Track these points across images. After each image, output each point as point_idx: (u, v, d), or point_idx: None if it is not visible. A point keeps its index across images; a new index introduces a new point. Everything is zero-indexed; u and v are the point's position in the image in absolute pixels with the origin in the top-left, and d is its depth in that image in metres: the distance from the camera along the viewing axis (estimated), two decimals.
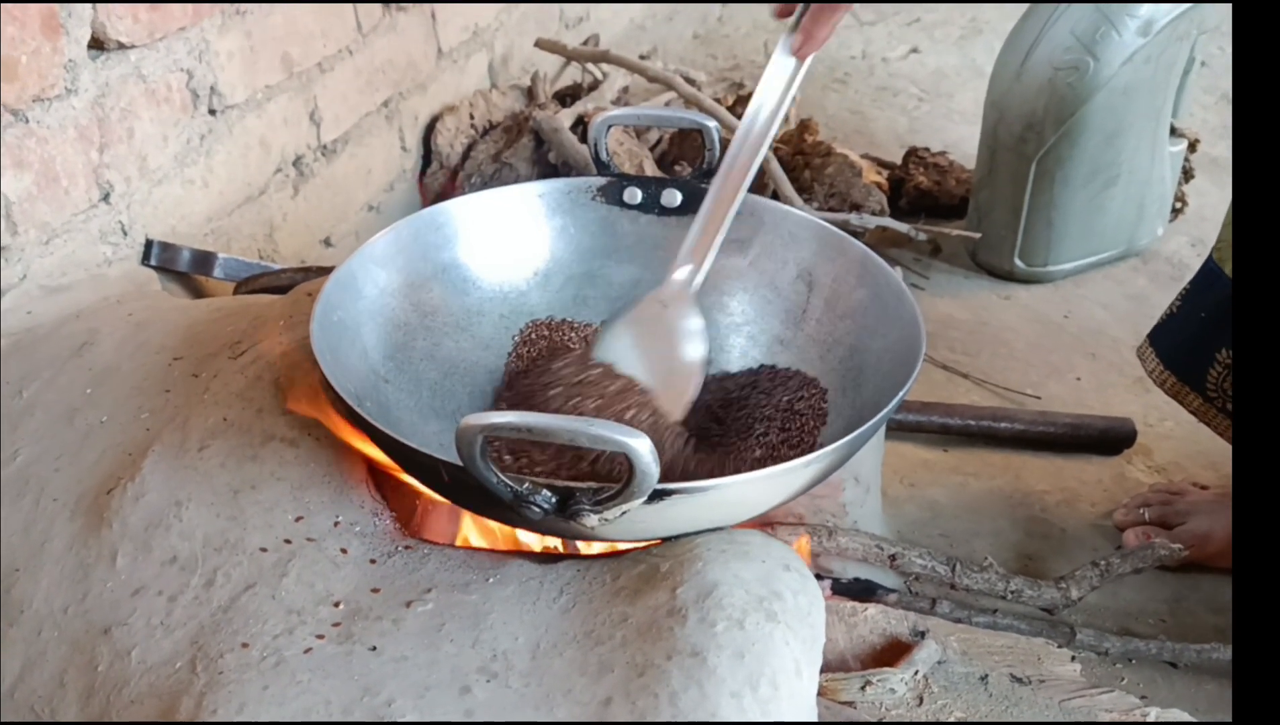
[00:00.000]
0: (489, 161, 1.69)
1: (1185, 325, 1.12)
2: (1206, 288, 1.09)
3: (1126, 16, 1.45)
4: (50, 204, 1.09)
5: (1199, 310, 1.10)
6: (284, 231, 1.44)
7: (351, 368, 0.83)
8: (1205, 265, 1.10)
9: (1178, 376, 1.12)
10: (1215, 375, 1.07)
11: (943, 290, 1.64)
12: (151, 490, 0.80)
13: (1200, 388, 1.10)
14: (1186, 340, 1.12)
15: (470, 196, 0.97)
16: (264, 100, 1.36)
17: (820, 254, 0.94)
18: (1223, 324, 1.06)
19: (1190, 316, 1.12)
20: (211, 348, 0.96)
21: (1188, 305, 1.13)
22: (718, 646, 0.64)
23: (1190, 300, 1.12)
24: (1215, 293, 1.07)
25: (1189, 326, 1.12)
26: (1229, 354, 1.05)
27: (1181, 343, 1.13)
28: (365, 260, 0.89)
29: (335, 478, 0.81)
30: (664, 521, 0.70)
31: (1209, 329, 1.08)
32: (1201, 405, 1.10)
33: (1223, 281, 1.06)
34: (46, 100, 1.06)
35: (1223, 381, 1.07)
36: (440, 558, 0.76)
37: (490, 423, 0.62)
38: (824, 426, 0.88)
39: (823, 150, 1.66)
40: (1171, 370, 1.13)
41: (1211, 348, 1.07)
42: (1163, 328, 1.16)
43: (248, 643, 0.70)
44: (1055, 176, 1.53)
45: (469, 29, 1.83)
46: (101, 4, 1.09)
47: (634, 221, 1.00)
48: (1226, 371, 1.06)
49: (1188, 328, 1.12)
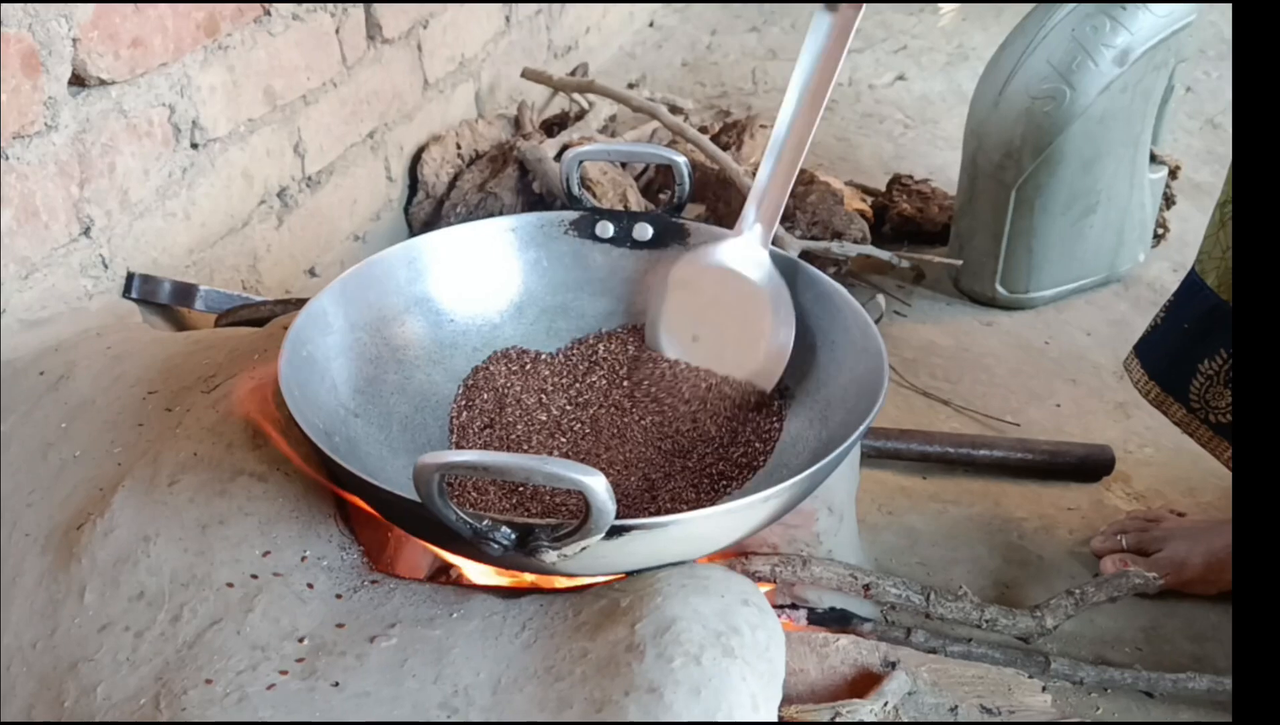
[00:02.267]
0: (474, 191, 1.70)
1: (1168, 336, 1.13)
2: (1189, 299, 1.10)
3: (1103, 46, 1.46)
4: (30, 239, 1.09)
5: (1181, 321, 1.11)
6: (268, 262, 1.45)
7: (321, 402, 0.84)
8: (1188, 277, 1.11)
9: (1161, 387, 1.13)
10: (1198, 386, 1.08)
11: (925, 316, 1.64)
12: (121, 525, 0.81)
13: (1183, 398, 1.10)
14: (1170, 351, 1.12)
15: (442, 231, 0.98)
16: (247, 133, 1.37)
17: (789, 286, 0.95)
18: (1205, 335, 1.07)
19: (1173, 327, 1.12)
20: (186, 381, 0.97)
21: (1171, 317, 1.13)
22: (674, 682, 0.65)
23: (1173, 312, 1.13)
24: (1197, 304, 1.08)
25: (1171, 338, 1.12)
26: (1210, 364, 1.06)
27: (1165, 354, 1.13)
28: (336, 295, 0.90)
29: (303, 512, 0.82)
30: (624, 556, 0.71)
31: (1191, 340, 1.08)
32: (1185, 416, 1.11)
33: (1205, 293, 1.07)
34: (26, 137, 1.07)
35: (1205, 392, 1.08)
36: (406, 592, 0.77)
37: (447, 462, 0.63)
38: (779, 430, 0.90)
39: (805, 178, 1.67)
40: (1155, 381, 1.14)
41: (1194, 358, 1.08)
42: (1147, 339, 1.17)
43: (211, 679, 0.71)
44: (1034, 204, 1.54)
45: (455, 59, 1.85)
46: (82, 42, 1.10)
47: (606, 255, 1.01)
48: (1209, 382, 1.07)
49: (1170, 339, 1.12)
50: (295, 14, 1.42)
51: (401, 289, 0.95)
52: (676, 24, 2.79)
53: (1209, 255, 1.07)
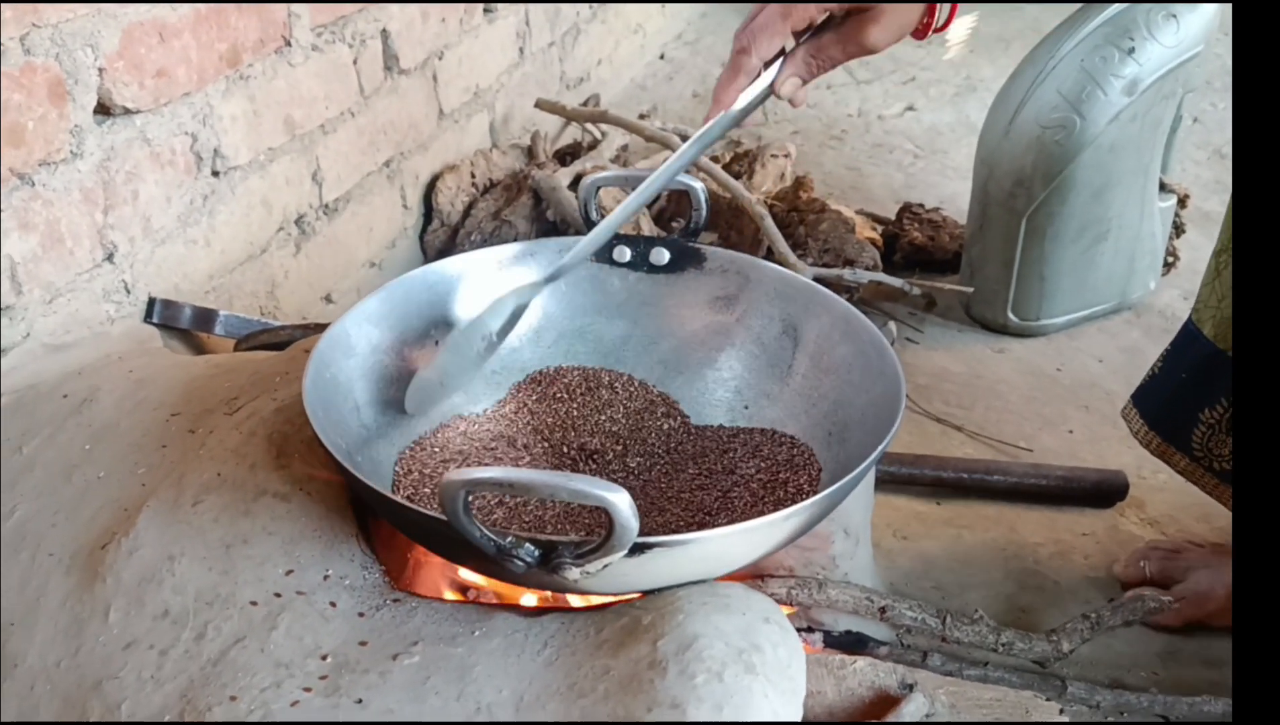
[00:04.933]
0: (489, 219, 1.71)
1: (1166, 386, 1.12)
2: (1186, 348, 1.10)
3: (1112, 77, 1.47)
4: (54, 264, 1.11)
5: (1179, 371, 1.10)
6: (285, 289, 1.46)
7: (343, 424, 0.85)
8: (1185, 326, 1.11)
9: (1163, 437, 1.12)
10: (1200, 435, 1.07)
11: (937, 343, 1.65)
12: (145, 545, 0.82)
13: (1186, 448, 1.09)
14: (1169, 401, 1.12)
15: (462, 255, 0.99)
16: (267, 162, 1.39)
17: (805, 310, 0.96)
18: (1204, 384, 1.06)
19: (1171, 376, 1.12)
20: (209, 404, 0.98)
21: (1168, 366, 1.13)
22: (697, 699, 0.65)
23: (1171, 361, 1.13)
24: (1195, 353, 1.08)
25: (1170, 387, 1.12)
26: (1211, 413, 1.06)
27: (1164, 404, 1.12)
28: (358, 318, 0.91)
29: (326, 532, 0.82)
30: (646, 574, 0.71)
31: (1191, 389, 1.08)
32: (1189, 465, 1.10)
33: (1201, 342, 1.06)
34: (52, 164, 1.09)
35: (1208, 441, 1.07)
36: (428, 610, 0.77)
37: (472, 478, 0.63)
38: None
39: (817, 207, 1.68)
40: (1156, 431, 1.13)
41: (1195, 408, 1.07)
42: (1145, 389, 1.16)
43: (236, 696, 0.71)
44: (1045, 232, 1.56)
45: (470, 90, 1.87)
46: (108, 72, 1.12)
47: (624, 279, 1.02)
48: (1211, 431, 1.06)
49: (1169, 388, 1.12)
50: (315, 45, 1.44)
51: (422, 312, 0.96)
52: (687, 56, 2.82)
53: (1205, 304, 1.07)
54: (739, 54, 0.85)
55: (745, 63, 0.85)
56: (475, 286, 0.99)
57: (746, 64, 0.85)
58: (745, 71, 0.85)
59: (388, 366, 0.92)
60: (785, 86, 0.86)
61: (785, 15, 0.83)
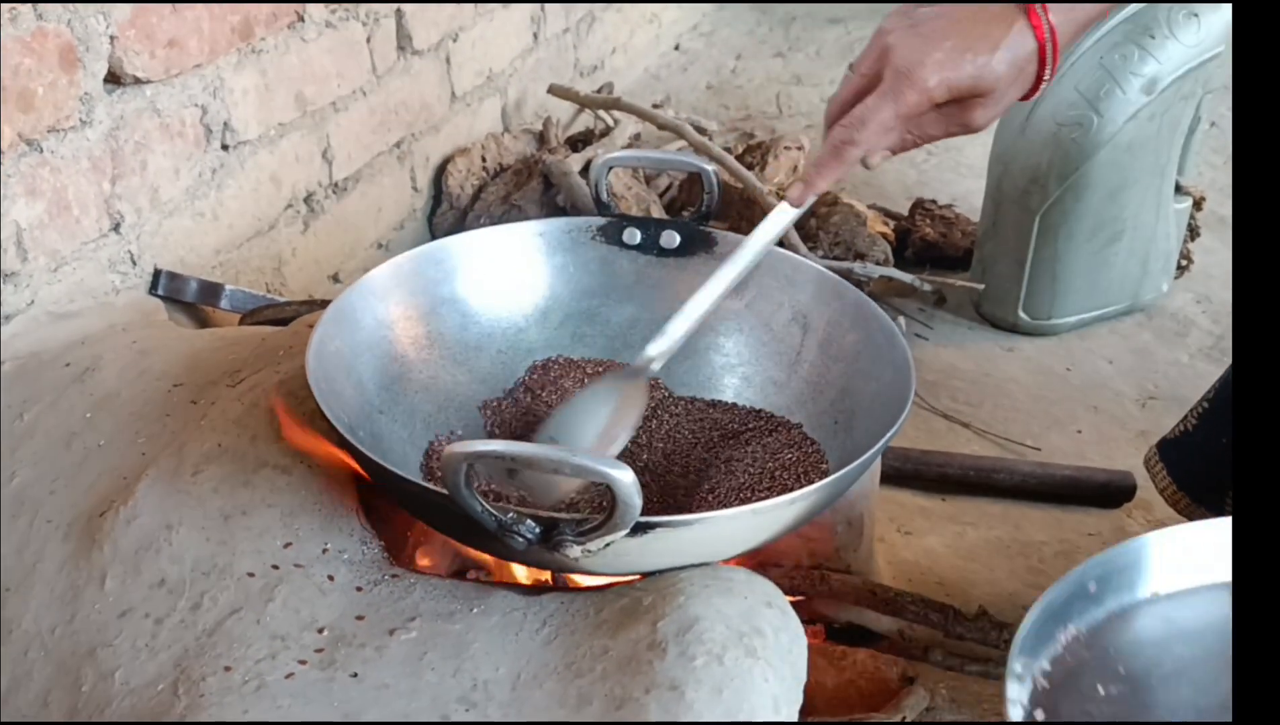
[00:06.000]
0: (499, 203, 1.71)
1: (1206, 448, 1.03)
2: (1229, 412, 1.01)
3: (1131, 75, 1.46)
4: (61, 232, 1.10)
5: (1221, 436, 1.02)
6: (293, 266, 1.45)
7: (346, 398, 0.84)
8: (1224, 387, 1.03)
9: (1192, 498, 1.04)
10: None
11: (947, 340, 1.64)
12: (144, 513, 0.81)
13: (1219, 511, 1.02)
14: (1208, 466, 1.03)
15: (471, 233, 0.98)
16: (277, 137, 1.38)
17: (815, 297, 0.95)
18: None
19: (1211, 440, 1.03)
20: (212, 376, 0.97)
21: (1207, 427, 1.03)
22: (696, 681, 0.64)
23: (1211, 423, 1.03)
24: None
25: (1211, 451, 1.02)
26: None
27: (1201, 468, 1.04)
28: (364, 292, 0.91)
29: (326, 505, 0.82)
30: (647, 555, 0.71)
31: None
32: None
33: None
34: (61, 131, 1.08)
35: None
36: (426, 586, 0.76)
37: (474, 451, 0.63)
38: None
39: (828, 200, 1.67)
40: (1185, 491, 1.05)
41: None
42: (1177, 445, 1.07)
43: (230, 666, 0.71)
44: (1059, 230, 1.54)
45: (483, 74, 1.86)
46: (119, 40, 1.11)
47: (633, 262, 1.01)
48: None
49: (1211, 453, 1.02)
50: (328, 21, 1.43)
51: (429, 289, 0.95)
52: (702, 48, 2.81)
53: None
54: (843, 145, 0.79)
55: (849, 154, 0.79)
56: (483, 264, 0.98)
57: (850, 155, 0.79)
58: (847, 161, 0.80)
59: (392, 342, 0.92)
60: (875, 159, 0.81)
61: (897, 106, 0.77)
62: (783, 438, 0.91)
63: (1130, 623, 0.69)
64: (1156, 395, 1.52)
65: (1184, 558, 0.71)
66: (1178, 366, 1.58)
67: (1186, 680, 0.67)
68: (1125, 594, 0.70)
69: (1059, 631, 0.67)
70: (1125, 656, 0.67)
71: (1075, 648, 0.67)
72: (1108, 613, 0.69)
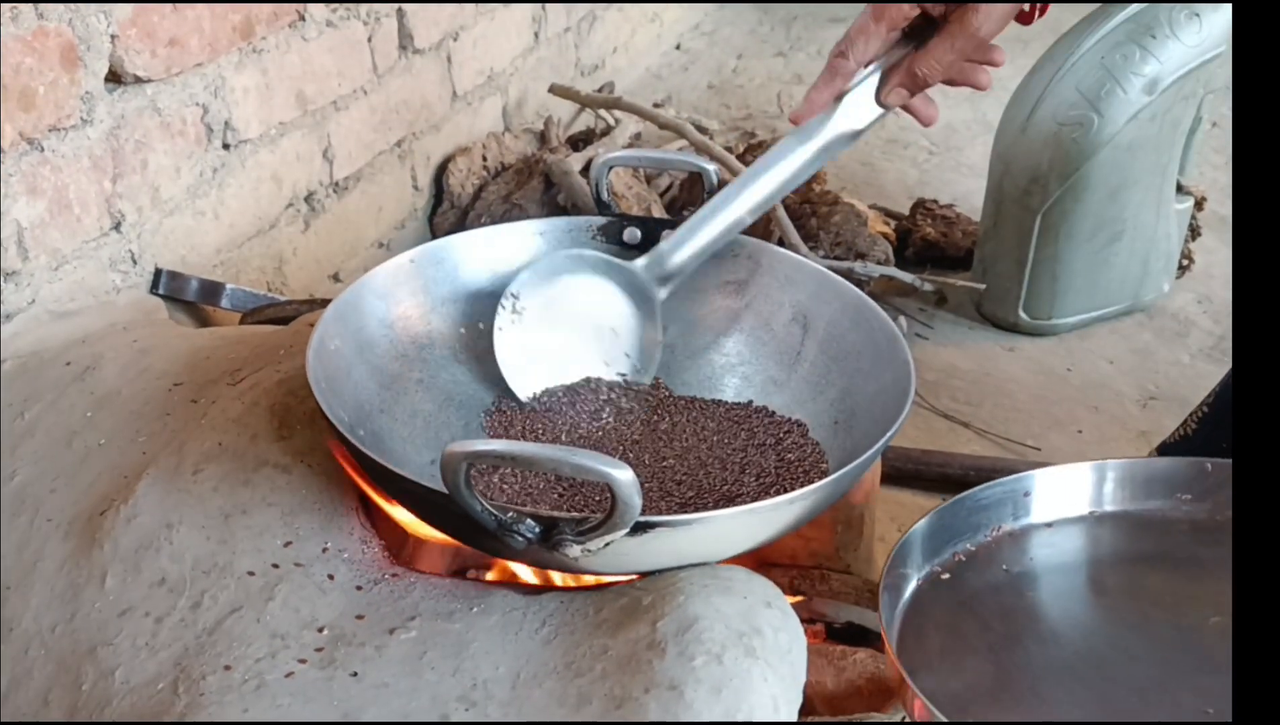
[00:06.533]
0: (499, 202, 1.71)
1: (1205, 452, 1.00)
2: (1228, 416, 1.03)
3: (1132, 75, 1.46)
4: (62, 231, 1.10)
5: (1220, 440, 1.04)
6: (293, 265, 1.45)
7: (346, 396, 0.84)
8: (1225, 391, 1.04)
9: None
10: None
11: (947, 340, 1.64)
12: (144, 512, 0.81)
13: None
14: None
15: (471, 232, 0.98)
16: (278, 136, 1.38)
17: (816, 297, 0.95)
18: None
19: (1210, 443, 1.04)
20: (212, 375, 0.97)
21: (1207, 430, 1.06)
22: (695, 681, 0.64)
23: (1211, 427, 1.05)
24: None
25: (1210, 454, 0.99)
26: None
27: None
28: (364, 291, 0.90)
29: (326, 505, 0.82)
30: (647, 554, 0.71)
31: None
32: None
33: None
34: (62, 130, 1.08)
35: None
36: (426, 586, 0.76)
37: (474, 450, 0.63)
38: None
39: (830, 199, 1.67)
40: None
41: None
42: (1176, 448, 1.09)
43: (230, 665, 0.71)
44: (1060, 230, 1.54)
45: (484, 73, 1.86)
46: (120, 39, 1.11)
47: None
48: None
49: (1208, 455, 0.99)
50: (329, 20, 1.43)
51: (429, 288, 0.95)
52: (703, 47, 2.81)
53: None
54: (835, 58, 0.83)
55: (841, 66, 0.83)
56: (484, 263, 0.98)
57: (843, 67, 0.83)
58: (841, 74, 0.83)
59: (393, 341, 0.92)
60: (892, 96, 0.85)
61: (879, 15, 0.81)
62: (783, 437, 0.91)
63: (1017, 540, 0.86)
64: (1157, 396, 1.52)
65: (1060, 492, 0.88)
66: (1178, 367, 1.58)
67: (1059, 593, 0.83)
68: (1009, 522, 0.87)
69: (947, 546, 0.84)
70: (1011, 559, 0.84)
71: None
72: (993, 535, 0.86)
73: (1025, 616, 0.80)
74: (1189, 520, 0.87)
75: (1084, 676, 0.74)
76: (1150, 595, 0.81)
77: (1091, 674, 0.75)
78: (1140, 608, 0.80)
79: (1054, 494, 0.88)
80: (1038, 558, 0.85)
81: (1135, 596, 0.81)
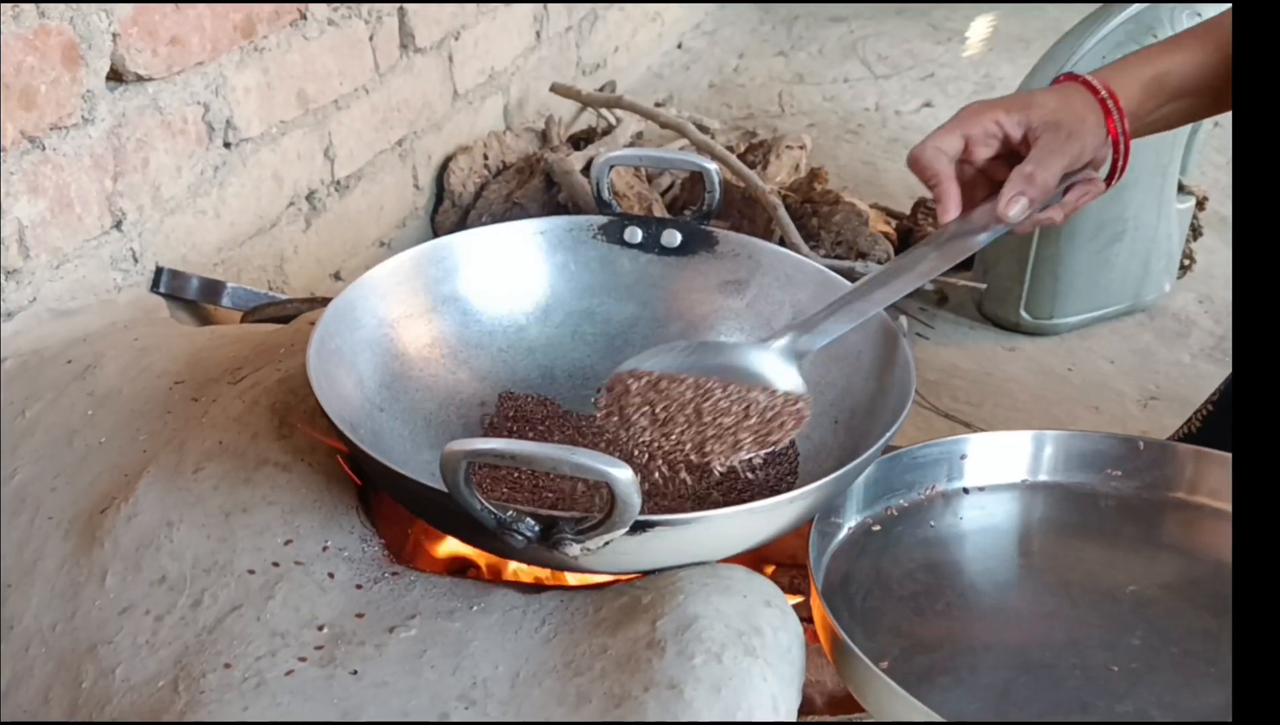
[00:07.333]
0: (500, 201, 1.71)
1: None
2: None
3: None
4: (63, 230, 1.11)
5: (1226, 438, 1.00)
6: (294, 264, 1.45)
7: (347, 395, 0.84)
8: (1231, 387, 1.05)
9: None
10: None
11: (948, 340, 1.64)
12: (144, 511, 0.81)
13: None
14: None
15: (472, 231, 0.98)
16: (279, 135, 1.38)
17: (816, 296, 0.95)
18: None
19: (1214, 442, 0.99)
20: (213, 373, 0.97)
21: (1210, 429, 1.06)
22: (695, 679, 0.64)
23: (1215, 425, 1.06)
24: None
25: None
26: None
27: None
28: (365, 290, 0.91)
29: (326, 503, 0.82)
30: (647, 553, 0.71)
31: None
32: None
33: None
34: (63, 129, 1.08)
35: None
36: (426, 585, 0.76)
37: (474, 448, 0.63)
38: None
39: (831, 199, 1.67)
40: None
41: None
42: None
43: (230, 663, 0.71)
44: (1061, 230, 1.54)
45: (485, 72, 1.86)
46: (121, 38, 1.11)
47: (634, 260, 1.01)
48: None
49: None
50: (330, 19, 1.43)
51: (430, 287, 0.95)
52: (705, 47, 2.81)
53: None
54: (929, 183, 0.90)
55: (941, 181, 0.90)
56: (484, 262, 0.98)
57: (943, 182, 0.90)
58: (947, 185, 0.90)
59: (393, 340, 0.92)
60: (1013, 209, 0.88)
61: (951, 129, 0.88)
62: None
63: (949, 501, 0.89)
64: (1158, 395, 1.52)
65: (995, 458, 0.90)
66: (1179, 367, 1.59)
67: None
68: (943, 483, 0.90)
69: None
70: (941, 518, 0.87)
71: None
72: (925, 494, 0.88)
73: (949, 570, 0.82)
74: (1116, 496, 0.89)
75: (999, 628, 0.77)
76: (1071, 562, 0.83)
77: (1007, 627, 0.77)
78: (1060, 572, 0.82)
79: (989, 459, 0.90)
80: (967, 518, 0.87)
81: (1057, 561, 0.84)
